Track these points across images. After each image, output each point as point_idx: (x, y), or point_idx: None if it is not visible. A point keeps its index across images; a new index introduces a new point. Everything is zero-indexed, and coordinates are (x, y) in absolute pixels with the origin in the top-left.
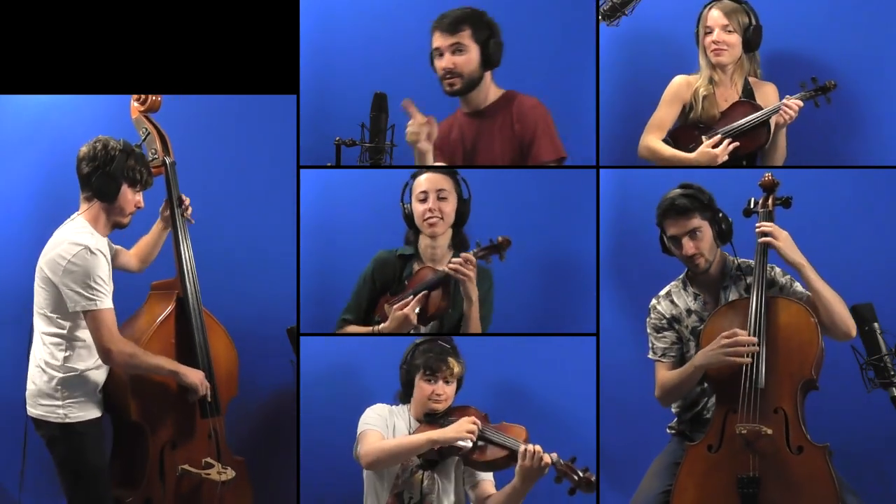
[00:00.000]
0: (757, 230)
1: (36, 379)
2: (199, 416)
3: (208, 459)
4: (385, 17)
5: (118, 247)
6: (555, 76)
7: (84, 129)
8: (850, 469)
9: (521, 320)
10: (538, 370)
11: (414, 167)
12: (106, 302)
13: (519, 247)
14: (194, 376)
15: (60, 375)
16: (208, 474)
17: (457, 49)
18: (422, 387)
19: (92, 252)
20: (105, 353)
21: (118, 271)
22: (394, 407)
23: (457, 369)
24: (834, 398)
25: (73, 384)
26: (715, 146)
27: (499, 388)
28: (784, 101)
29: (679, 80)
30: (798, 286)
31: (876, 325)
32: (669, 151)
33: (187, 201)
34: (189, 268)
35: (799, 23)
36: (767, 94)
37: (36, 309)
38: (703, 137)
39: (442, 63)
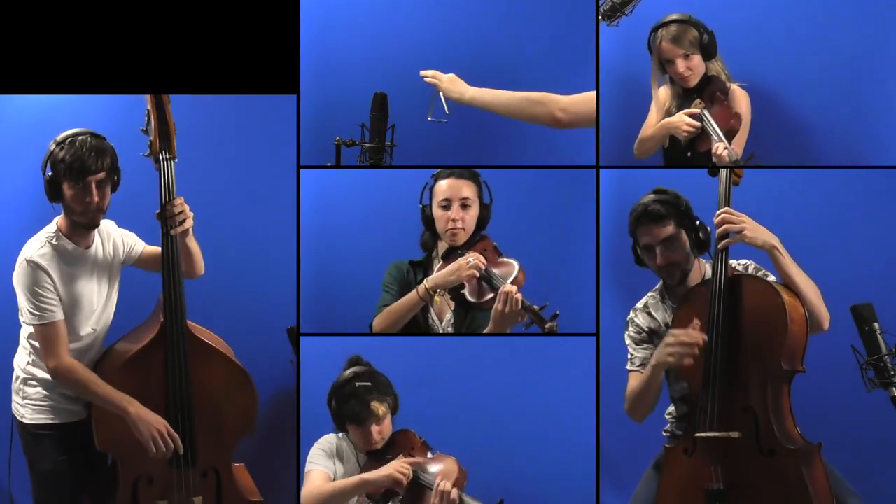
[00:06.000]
0: (716, 219)
1: (13, 375)
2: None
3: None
4: (385, 17)
5: (148, 248)
6: (555, 76)
7: None
8: (848, 469)
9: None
10: (538, 370)
11: (414, 167)
12: (48, 316)
13: (519, 247)
14: (146, 428)
15: (23, 377)
16: None
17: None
18: (354, 432)
19: (30, 265)
20: (47, 369)
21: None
22: (340, 434)
23: (382, 410)
24: (834, 398)
25: (30, 388)
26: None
27: (499, 388)
28: (717, 147)
29: (663, 89)
30: (772, 278)
31: (876, 325)
32: (649, 130)
33: (180, 209)
34: (173, 287)
35: (800, 25)
36: (739, 100)
37: None
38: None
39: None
